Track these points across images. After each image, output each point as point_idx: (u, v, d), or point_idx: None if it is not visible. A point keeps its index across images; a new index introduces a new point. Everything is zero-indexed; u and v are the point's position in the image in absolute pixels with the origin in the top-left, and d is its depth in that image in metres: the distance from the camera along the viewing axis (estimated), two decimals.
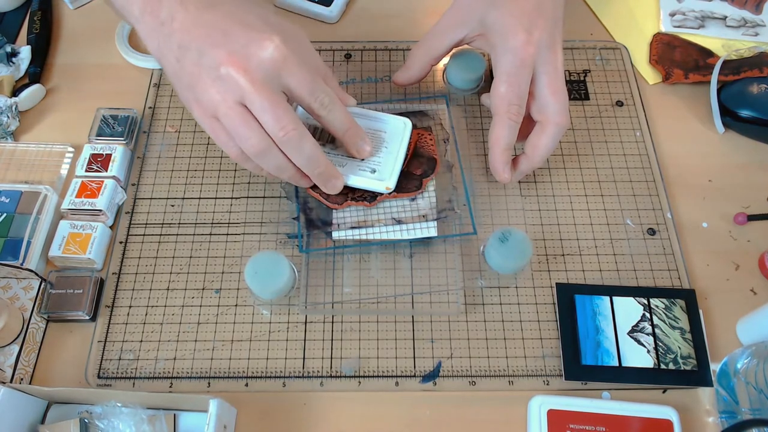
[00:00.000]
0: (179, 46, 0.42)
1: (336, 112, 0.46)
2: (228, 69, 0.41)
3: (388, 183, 0.50)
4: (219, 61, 0.41)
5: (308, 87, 0.43)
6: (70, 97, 0.61)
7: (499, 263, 0.50)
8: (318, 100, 0.44)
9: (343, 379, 0.47)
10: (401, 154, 0.51)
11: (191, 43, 0.42)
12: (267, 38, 0.41)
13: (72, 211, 0.52)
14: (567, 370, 0.47)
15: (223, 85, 0.41)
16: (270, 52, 0.41)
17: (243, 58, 0.41)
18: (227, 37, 0.41)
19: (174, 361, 0.48)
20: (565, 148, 0.57)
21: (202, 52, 0.41)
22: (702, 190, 0.56)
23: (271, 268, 0.48)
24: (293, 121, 0.42)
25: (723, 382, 0.46)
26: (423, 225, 0.51)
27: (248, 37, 0.41)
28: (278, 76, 0.42)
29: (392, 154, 0.51)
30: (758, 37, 0.64)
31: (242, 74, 0.41)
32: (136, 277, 0.51)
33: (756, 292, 0.51)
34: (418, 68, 0.55)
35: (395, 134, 0.52)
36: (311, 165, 0.45)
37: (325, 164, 0.46)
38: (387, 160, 0.51)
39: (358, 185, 0.50)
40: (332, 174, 0.47)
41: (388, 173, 0.50)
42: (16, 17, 0.67)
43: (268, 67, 0.41)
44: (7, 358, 0.47)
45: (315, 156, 0.45)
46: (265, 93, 0.41)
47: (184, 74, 0.43)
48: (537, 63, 0.48)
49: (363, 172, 0.50)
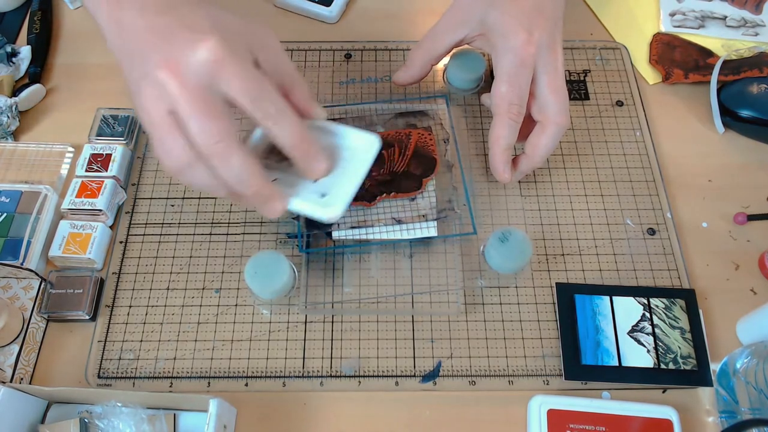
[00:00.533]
0: (130, 53, 0.40)
1: (283, 124, 0.41)
2: (162, 72, 0.37)
3: (331, 211, 0.43)
4: (155, 64, 0.38)
5: (250, 94, 0.39)
6: (70, 97, 0.61)
7: (499, 263, 0.50)
8: (262, 109, 0.40)
9: (343, 378, 0.47)
10: (358, 178, 0.45)
11: (140, 49, 0.39)
12: (203, 39, 0.37)
13: (72, 211, 0.52)
14: (567, 370, 0.47)
15: (157, 90, 0.38)
16: (203, 54, 0.37)
17: (176, 61, 0.37)
18: (167, 40, 0.38)
19: (174, 360, 0.48)
20: (565, 148, 0.57)
21: (144, 56, 0.39)
22: (702, 190, 0.56)
23: (271, 267, 0.48)
24: (221, 132, 0.38)
25: (723, 381, 0.46)
26: (423, 225, 0.51)
27: (185, 38, 0.38)
28: (214, 81, 0.38)
29: (348, 177, 0.45)
30: (758, 37, 0.64)
31: (173, 78, 0.37)
32: (136, 276, 0.51)
33: (756, 292, 0.51)
34: (418, 68, 0.55)
35: (357, 153, 0.46)
36: (241, 184, 0.40)
37: (258, 184, 0.41)
38: (341, 183, 0.45)
39: (301, 211, 0.44)
40: (269, 196, 0.42)
41: (337, 198, 0.44)
42: (16, 17, 0.67)
43: (201, 70, 0.37)
44: (7, 358, 0.47)
45: (245, 173, 0.40)
46: (195, 100, 0.37)
47: (132, 82, 0.40)
48: (537, 63, 0.48)
49: (311, 195, 0.44)
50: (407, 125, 0.56)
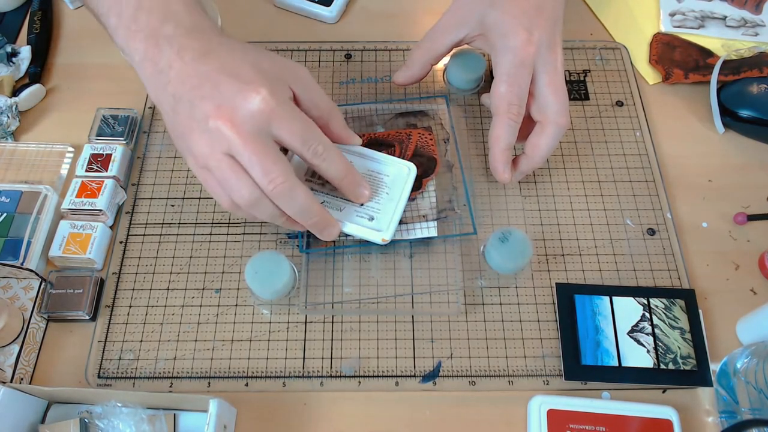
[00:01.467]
0: (173, 96, 0.42)
1: (331, 160, 0.44)
2: (216, 122, 0.40)
3: (385, 235, 0.48)
4: (207, 113, 0.40)
5: (300, 137, 0.42)
6: (70, 97, 0.61)
7: (499, 263, 0.50)
8: (311, 150, 0.43)
9: (343, 379, 0.47)
10: (402, 203, 0.49)
11: (184, 95, 0.41)
12: (254, 90, 0.40)
13: (72, 211, 0.52)
14: (567, 370, 0.47)
15: (211, 137, 0.41)
16: (256, 104, 0.40)
17: (229, 110, 0.40)
18: (216, 89, 0.41)
19: (174, 361, 0.48)
20: (565, 148, 0.57)
21: (192, 104, 0.41)
22: (702, 190, 0.56)
23: (271, 268, 0.48)
24: (283, 173, 0.41)
25: (723, 381, 0.46)
26: (423, 225, 0.51)
27: (235, 88, 0.41)
28: (267, 127, 0.41)
29: (393, 201, 0.49)
30: (758, 37, 0.64)
31: (229, 127, 0.40)
32: (136, 277, 0.51)
33: (756, 292, 0.51)
34: (418, 68, 0.55)
35: (398, 179, 0.50)
36: (304, 215, 0.44)
37: (319, 214, 0.45)
38: (387, 208, 0.49)
39: (354, 234, 0.48)
40: (327, 223, 0.46)
41: (386, 223, 0.48)
42: (16, 17, 0.67)
43: (256, 119, 0.40)
44: (7, 358, 0.47)
45: (307, 207, 0.44)
46: (253, 145, 0.40)
47: (178, 124, 0.42)
48: (537, 63, 0.48)
49: (360, 218, 0.49)
50: (407, 125, 0.56)
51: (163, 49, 0.42)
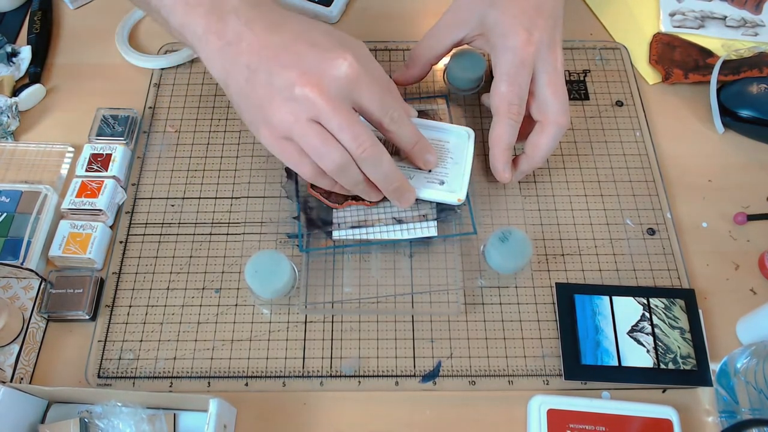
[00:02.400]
0: (248, 67, 0.42)
1: (405, 126, 0.46)
2: (303, 89, 0.41)
3: (460, 195, 0.50)
4: (292, 81, 0.41)
5: (379, 103, 0.43)
6: (70, 97, 0.61)
7: (499, 263, 0.50)
8: (388, 116, 0.44)
9: (343, 378, 0.47)
10: (468, 164, 0.51)
11: (261, 65, 0.42)
12: (340, 56, 0.41)
13: (72, 211, 0.52)
14: (567, 370, 0.47)
15: (296, 105, 0.41)
16: (344, 70, 0.41)
17: (316, 77, 0.41)
18: (298, 57, 0.41)
19: (174, 360, 0.48)
20: (565, 148, 0.57)
21: (272, 73, 0.41)
22: (702, 190, 0.56)
23: (271, 267, 0.48)
24: (371, 138, 0.42)
25: (723, 381, 0.46)
26: (423, 225, 0.51)
27: (319, 56, 0.41)
28: (351, 94, 0.42)
29: (459, 165, 0.51)
30: (758, 37, 0.64)
31: (317, 93, 0.41)
32: (136, 276, 0.51)
33: (756, 292, 0.51)
34: (418, 68, 0.55)
35: (459, 144, 0.52)
36: (388, 181, 0.46)
37: (400, 179, 0.46)
38: (454, 171, 0.51)
39: (430, 198, 0.50)
40: (407, 188, 0.48)
41: (459, 185, 0.50)
42: (16, 17, 0.67)
43: (343, 85, 0.41)
44: (7, 358, 0.47)
45: (392, 172, 0.45)
46: (341, 111, 0.41)
47: (254, 95, 0.43)
48: (537, 63, 0.48)
49: (432, 184, 0.50)
50: None
51: (228, 21, 0.42)
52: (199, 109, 0.59)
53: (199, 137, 0.58)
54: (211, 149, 0.57)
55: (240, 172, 0.56)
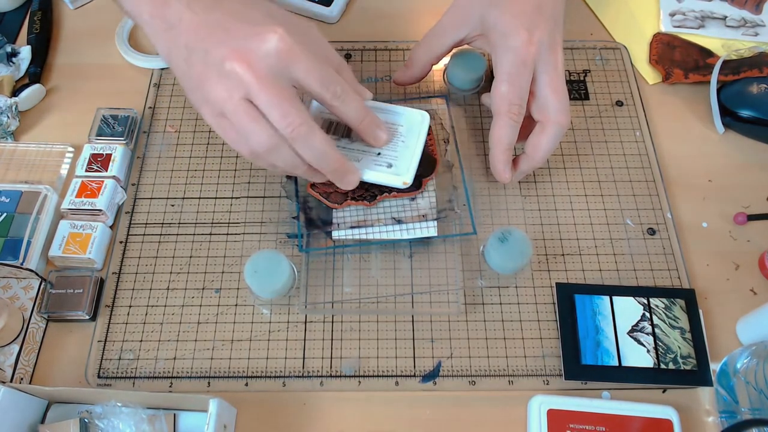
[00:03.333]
0: (186, 47, 0.42)
1: (350, 102, 0.44)
2: (232, 64, 0.40)
3: (405, 178, 0.49)
4: (223, 57, 0.40)
5: (318, 77, 0.42)
6: (70, 97, 0.61)
7: (498, 263, 0.50)
8: (330, 91, 0.43)
9: (343, 378, 0.47)
10: (418, 148, 0.50)
11: (197, 44, 0.41)
12: (269, 30, 0.40)
13: (72, 211, 0.52)
14: (567, 370, 0.47)
15: (228, 81, 0.40)
16: (273, 43, 0.40)
17: (246, 52, 0.40)
18: (229, 33, 0.41)
19: (174, 360, 0.48)
20: (565, 148, 0.57)
21: (207, 51, 0.41)
22: (702, 190, 0.56)
23: (270, 267, 0.48)
24: (301, 116, 0.41)
25: (723, 381, 0.46)
26: (423, 225, 0.51)
27: (250, 31, 0.41)
28: (285, 69, 0.41)
29: (409, 149, 0.50)
30: (758, 37, 0.64)
31: (246, 69, 0.40)
32: (136, 276, 0.51)
33: (756, 292, 0.51)
34: (418, 68, 0.55)
35: (412, 127, 0.51)
36: (323, 161, 0.44)
37: (338, 159, 0.45)
38: (404, 155, 0.49)
39: (374, 180, 0.49)
40: (347, 169, 0.46)
41: (405, 168, 0.49)
42: (16, 17, 0.67)
43: (273, 59, 0.40)
44: (7, 358, 0.47)
45: (326, 151, 0.43)
46: (271, 87, 0.40)
47: (193, 75, 0.42)
48: (538, 63, 0.48)
49: (379, 166, 0.49)
50: None
51: (171, 4, 0.42)
52: None
53: (199, 137, 0.58)
54: (211, 149, 0.57)
55: (240, 172, 0.56)
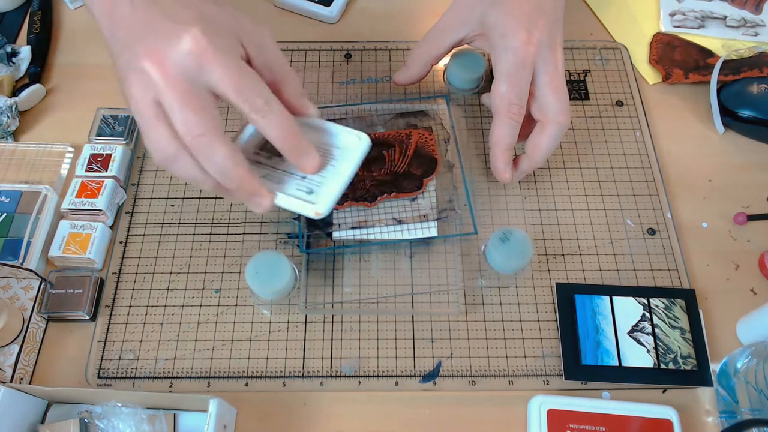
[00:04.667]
0: (119, 43, 0.40)
1: (271, 116, 0.40)
2: (145, 62, 0.37)
3: (318, 207, 0.43)
4: (139, 55, 0.38)
5: (235, 85, 0.38)
6: (70, 97, 0.61)
7: (500, 263, 0.50)
8: (248, 102, 0.39)
9: (343, 378, 0.47)
10: (346, 175, 0.44)
11: (127, 39, 0.39)
12: (185, 29, 0.37)
13: (72, 211, 0.52)
14: (567, 370, 0.47)
15: (141, 80, 0.38)
16: (186, 44, 0.37)
17: (160, 51, 0.37)
18: (151, 30, 0.38)
19: (174, 360, 0.48)
20: (565, 148, 0.57)
21: (131, 47, 0.39)
22: (702, 190, 0.56)
23: (272, 268, 0.48)
24: (205, 124, 0.38)
25: (723, 381, 0.46)
26: (423, 225, 0.51)
27: (169, 28, 0.38)
28: (198, 73, 0.38)
29: (338, 175, 0.45)
30: (758, 37, 0.64)
31: (157, 68, 0.37)
32: (136, 276, 0.51)
33: (756, 292, 0.51)
34: (418, 68, 0.55)
35: (347, 151, 0.45)
36: (224, 177, 0.40)
37: (243, 178, 0.40)
38: (329, 181, 0.44)
39: (287, 206, 0.44)
40: (254, 191, 0.42)
41: (324, 196, 0.44)
42: (16, 17, 0.67)
43: (185, 61, 0.37)
44: (7, 358, 0.47)
45: (229, 168, 0.39)
46: (177, 90, 0.37)
47: (120, 70, 0.40)
48: (537, 62, 0.48)
49: (299, 191, 0.44)
50: (408, 125, 0.56)
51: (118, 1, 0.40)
52: None
53: None
54: None
55: None
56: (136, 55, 0.38)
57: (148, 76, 0.38)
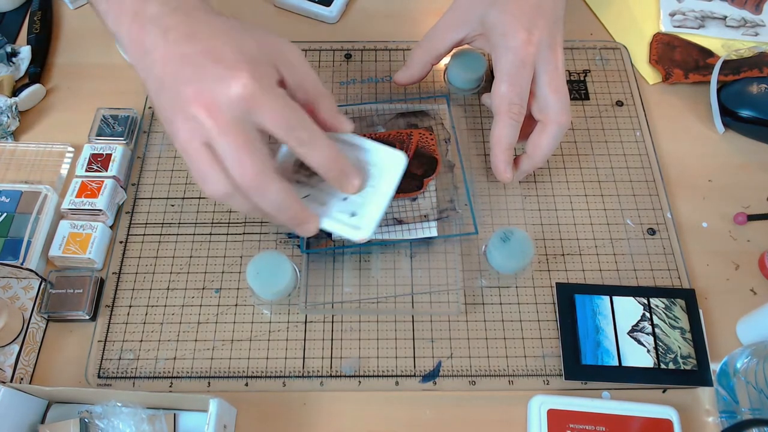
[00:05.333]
0: (158, 79, 0.40)
1: (316, 148, 0.42)
2: (196, 109, 0.38)
3: (363, 233, 0.45)
4: (188, 99, 0.39)
5: (283, 124, 0.40)
6: (70, 97, 0.61)
7: (500, 263, 0.50)
8: (295, 138, 0.41)
9: (343, 378, 0.47)
10: (387, 197, 0.45)
11: (167, 78, 0.40)
12: (234, 75, 0.38)
13: (72, 211, 0.52)
14: (567, 370, 0.47)
15: (192, 125, 0.39)
16: (236, 90, 0.38)
17: (209, 97, 0.38)
18: (197, 73, 0.39)
19: (174, 360, 0.48)
20: (565, 148, 0.57)
21: (176, 89, 0.39)
22: (702, 190, 0.56)
23: (273, 268, 0.48)
24: (255, 166, 0.39)
25: (723, 381, 0.46)
26: (424, 225, 0.51)
27: (216, 73, 0.39)
28: (248, 115, 0.39)
29: (378, 195, 0.45)
30: (758, 37, 0.64)
31: (207, 115, 0.38)
32: (136, 276, 0.51)
33: (756, 292, 0.51)
34: (418, 68, 0.55)
35: (385, 170, 0.46)
36: (278, 211, 0.42)
37: (294, 209, 0.42)
38: (370, 201, 0.45)
39: (333, 231, 0.45)
40: (303, 219, 0.44)
41: (368, 219, 0.45)
42: (16, 17, 0.67)
43: (235, 106, 0.38)
44: (7, 358, 0.47)
45: (281, 202, 0.41)
46: (229, 135, 0.38)
47: (162, 108, 0.41)
48: (538, 62, 0.48)
49: (341, 215, 0.45)
50: (408, 125, 0.56)
51: (148, 30, 0.41)
52: None
53: None
54: None
55: None
56: (184, 99, 0.39)
57: (198, 122, 0.39)
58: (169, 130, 0.41)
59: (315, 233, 0.45)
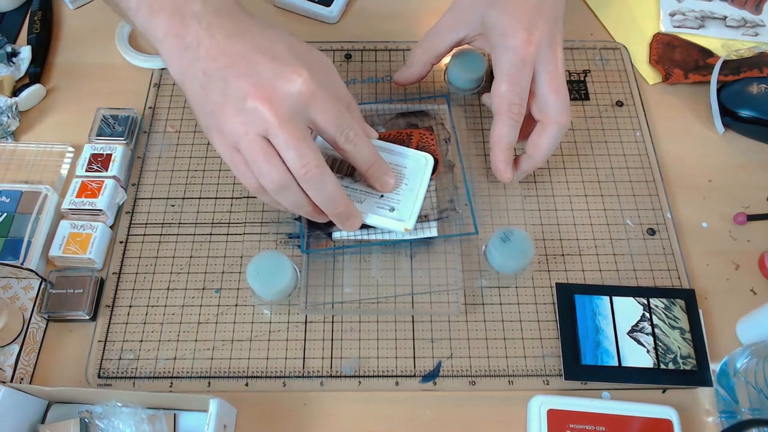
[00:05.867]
0: (204, 73, 0.41)
1: (361, 146, 0.45)
2: (254, 102, 0.40)
3: (407, 224, 0.49)
4: (245, 92, 0.40)
5: (335, 121, 0.43)
6: (70, 97, 0.61)
7: (500, 263, 0.50)
8: (344, 135, 0.43)
9: (343, 378, 0.47)
10: (421, 193, 0.50)
11: (216, 72, 0.41)
12: (295, 71, 0.40)
13: (72, 211, 0.52)
14: (567, 370, 0.47)
15: (247, 117, 0.40)
16: (298, 86, 0.40)
17: (270, 91, 0.40)
18: (254, 68, 0.41)
19: (174, 360, 0.48)
20: (565, 148, 0.57)
21: (227, 81, 0.41)
22: (702, 190, 0.56)
23: (273, 268, 0.48)
24: (316, 159, 0.41)
25: (723, 381, 0.46)
26: (424, 225, 0.51)
27: (275, 69, 0.40)
28: (305, 110, 0.41)
29: (412, 192, 0.50)
30: (758, 37, 0.64)
31: (268, 108, 0.40)
32: (137, 276, 0.51)
33: (756, 292, 0.51)
34: (418, 68, 0.55)
35: (416, 171, 0.51)
36: (331, 204, 0.44)
37: (345, 203, 0.45)
38: (406, 199, 0.49)
39: (377, 224, 0.49)
40: (351, 213, 0.46)
41: (408, 213, 0.49)
42: (16, 17, 0.67)
43: (295, 101, 0.40)
44: (7, 358, 0.47)
45: (335, 195, 0.44)
46: (290, 128, 0.40)
47: (208, 102, 0.42)
48: (537, 62, 0.48)
49: (381, 210, 0.49)
50: (408, 125, 0.56)
51: (190, 25, 0.41)
52: None
53: (199, 137, 0.58)
54: (211, 149, 0.57)
55: None
56: (240, 91, 0.40)
57: (256, 113, 0.40)
58: (213, 124, 0.42)
59: (357, 228, 0.48)
